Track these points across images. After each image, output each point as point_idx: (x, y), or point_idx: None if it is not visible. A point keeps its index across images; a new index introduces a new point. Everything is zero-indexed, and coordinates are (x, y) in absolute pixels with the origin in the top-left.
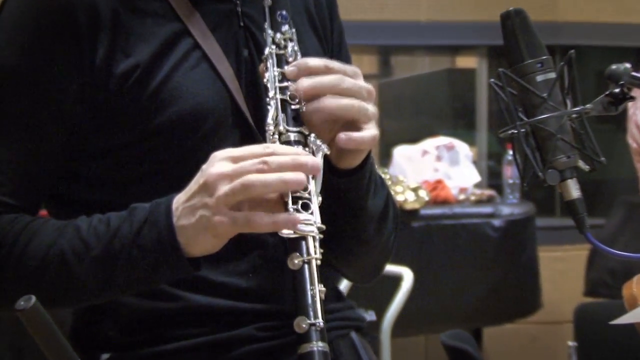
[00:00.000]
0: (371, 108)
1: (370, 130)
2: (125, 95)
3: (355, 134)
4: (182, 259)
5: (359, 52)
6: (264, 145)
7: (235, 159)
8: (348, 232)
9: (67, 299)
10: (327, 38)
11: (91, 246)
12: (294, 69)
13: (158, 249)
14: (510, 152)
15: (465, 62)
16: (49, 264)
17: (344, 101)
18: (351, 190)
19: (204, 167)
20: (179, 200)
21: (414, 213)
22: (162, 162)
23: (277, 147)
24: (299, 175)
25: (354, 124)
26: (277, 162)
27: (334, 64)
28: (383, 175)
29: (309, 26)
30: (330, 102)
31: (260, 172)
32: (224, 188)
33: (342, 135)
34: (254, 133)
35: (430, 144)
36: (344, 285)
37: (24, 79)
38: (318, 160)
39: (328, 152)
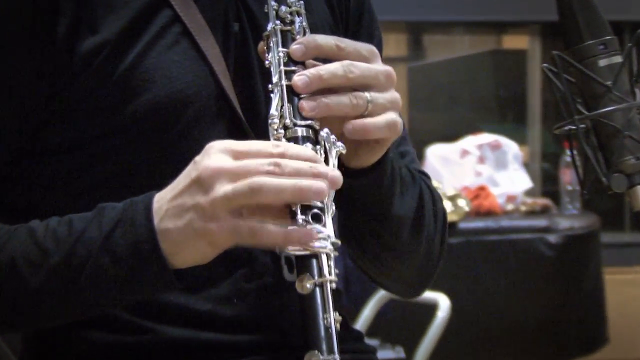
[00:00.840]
0: (388, 96)
1: (385, 116)
2: (89, 80)
3: (363, 121)
4: (166, 269)
5: (384, 29)
6: (273, 142)
7: (237, 154)
8: (376, 240)
9: (17, 319)
10: (342, 7)
11: (49, 252)
12: (301, 47)
13: (134, 256)
14: (569, 153)
15: (514, 42)
16: None
17: (344, 100)
18: (370, 193)
19: (197, 158)
20: (162, 197)
21: (451, 227)
22: (132, 161)
23: (290, 147)
24: (320, 185)
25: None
26: (293, 166)
27: (346, 43)
28: None
29: (326, 10)
30: (329, 101)
31: (270, 175)
32: (223, 187)
33: (348, 125)
34: (243, 125)
35: (471, 142)
36: (364, 316)
37: None
38: (338, 173)
39: (344, 151)
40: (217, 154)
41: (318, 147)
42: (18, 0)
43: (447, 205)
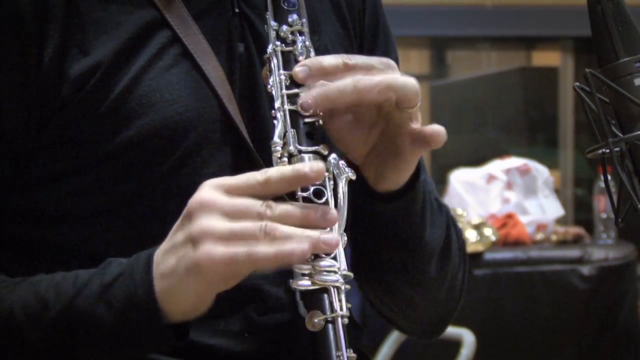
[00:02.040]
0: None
1: (435, 126)
2: (81, 104)
3: (426, 128)
4: (161, 324)
5: (405, 45)
6: (259, 173)
7: (227, 189)
8: (401, 274)
9: None
10: (356, 23)
11: (50, 305)
12: (304, 70)
13: (130, 310)
14: (602, 178)
15: (545, 58)
16: None
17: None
18: (402, 218)
19: (190, 200)
20: (161, 247)
21: (477, 257)
22: (130, 191)
23: (272, 172)
24: (307, 245)
25: None
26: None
27: (357, 59)
28: None
29: (329, 8)
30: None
31: (263, 217)
32: (214, 220)
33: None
34: (250, 152)
35: (499, 166)
36: (383, 353)
37: None
38: (328, 208)
39: (354, 178)
40: (208, 189)
41: (326, 174)
42: (1, 24)
43: (473, 234)
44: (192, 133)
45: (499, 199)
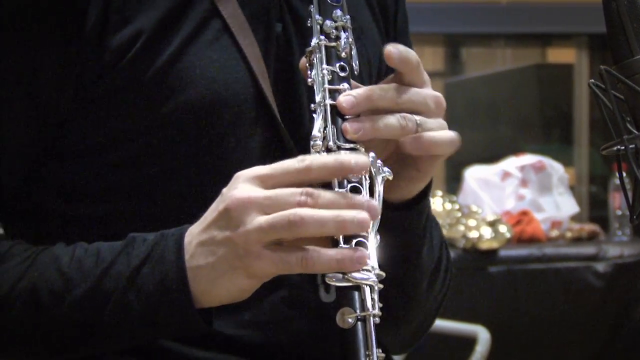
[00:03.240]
0: (437, 123)
1: (446, 131)
2: (121, 74)
3: (428, 134)
4: (191, 310)
5: (420, 42)
6: (296, 161)
7: (265, 180)
8: (396, 288)
9: (34, 351)
10: (389, 22)
11: (74, 283)
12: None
13: (161, 294)
14: (617, 175)
15: (560, 55)
16: (14, 303)
17: (392, 121)
18: (407, 231)
19: (224, 190)
20: (192, 232)
21: (491, 254)
22: (163, 168)
23: (314, 159)
24: (363, 216)
25: None
26: (326, 197)
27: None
28: (451, 205)
29: (366, 8)
30: (376, 122)
31: (302, 206)
32: (256, 220)
33: (408, 138)
34: (282, 133)
35: (513, 163)
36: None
37: None
38: (375, 203)
39: (391, 177)
40: (244, 184)
41: (363, 172)
42: None
43: (487, 231)
44: (228, 111)
45: (513, 196)
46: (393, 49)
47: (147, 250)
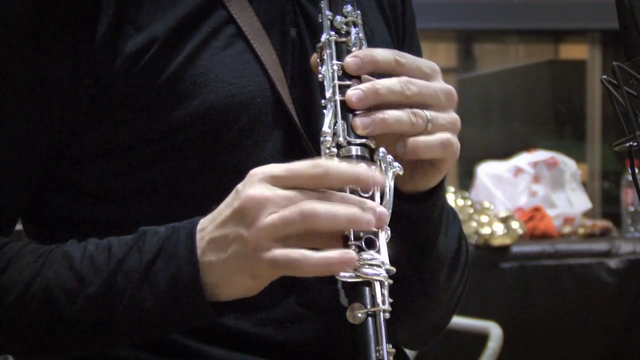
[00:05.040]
0: (448, 116)
1: (440, 135)
2: (134, 80)
3: (416, 139)
4: (204, 304)
5: (432, 38)
6: (313, 163)
7: (279, 180)
8: (411, 280)
9: (49, 348)
10: (398, 22)
11: (87, 281)
12: (356, 60)
13: (174, 289)
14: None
15: (573, 51)
16: (30, 301)
17: (402, 116)
18: (421, 222)
19: (239, 186)
20: (204, 227)
21: (504, 251)
22: (179, 171)
23: (331, 166)
24: (376, 212)
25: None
26: (340, 196)
27: (407, 58)
28: (463, 201)
29: (375, 5)
30: (386, 116)
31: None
32: (269, 217)
33: (401, 144)
34: (300, 137)
35: (526, 160)
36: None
37: None
38: (384, 210)
39: (401, 172)
40: (259, 183)
41: (373, 167)
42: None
43: (500, 227)
44: (244, 115)
45: (526, 192)
46: (350, 60)
47: (159, 244)
